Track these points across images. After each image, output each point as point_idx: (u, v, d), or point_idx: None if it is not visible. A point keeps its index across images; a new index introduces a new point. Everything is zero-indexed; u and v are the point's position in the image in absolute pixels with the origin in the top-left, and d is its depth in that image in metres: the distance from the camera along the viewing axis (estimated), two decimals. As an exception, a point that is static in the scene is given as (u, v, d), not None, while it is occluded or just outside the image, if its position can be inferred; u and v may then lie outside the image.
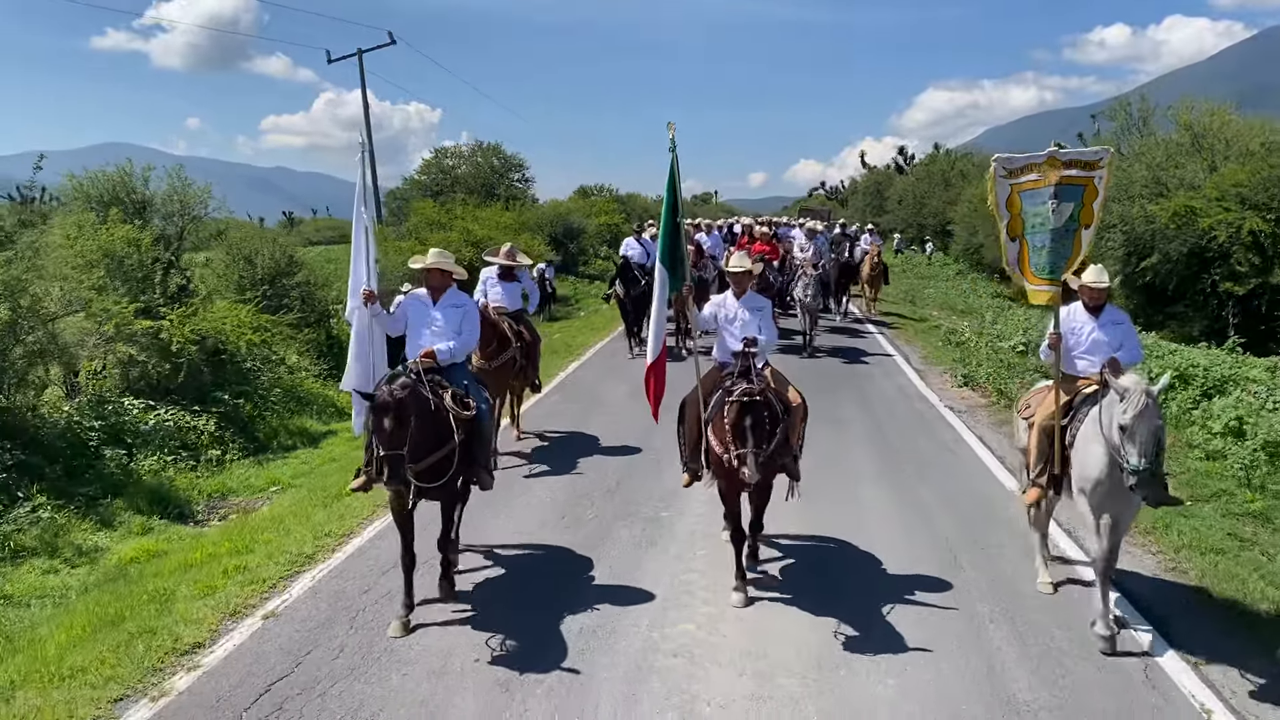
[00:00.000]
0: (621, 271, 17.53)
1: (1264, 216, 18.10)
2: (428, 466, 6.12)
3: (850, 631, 6.12)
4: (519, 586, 6.99)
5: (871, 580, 7.02)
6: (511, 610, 6.45)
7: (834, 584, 6.92)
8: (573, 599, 6.65)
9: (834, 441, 10.71)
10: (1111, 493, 5.93)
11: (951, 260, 44.57)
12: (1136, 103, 25.37)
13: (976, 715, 5.18)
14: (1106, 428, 5.85)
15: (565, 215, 40.40)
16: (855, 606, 6.48)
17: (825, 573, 7.15)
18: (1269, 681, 5.59)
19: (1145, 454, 5.51)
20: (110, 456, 11.69)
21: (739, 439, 6.03)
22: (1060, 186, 6.46)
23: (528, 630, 6.13)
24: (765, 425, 6.12)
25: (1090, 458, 6.06)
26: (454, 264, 7.21)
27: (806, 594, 6.70)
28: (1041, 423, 6.72)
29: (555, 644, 5.96)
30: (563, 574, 7.19)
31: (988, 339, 18.59)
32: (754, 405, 6.05)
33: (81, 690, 5.30)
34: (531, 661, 5.72)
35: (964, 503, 8.97)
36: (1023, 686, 5.50)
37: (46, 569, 8.94)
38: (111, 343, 13.25)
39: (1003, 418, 12.54)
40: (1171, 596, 6.85)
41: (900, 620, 6.31)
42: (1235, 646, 6.02)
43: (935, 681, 5.52)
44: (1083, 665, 5.76)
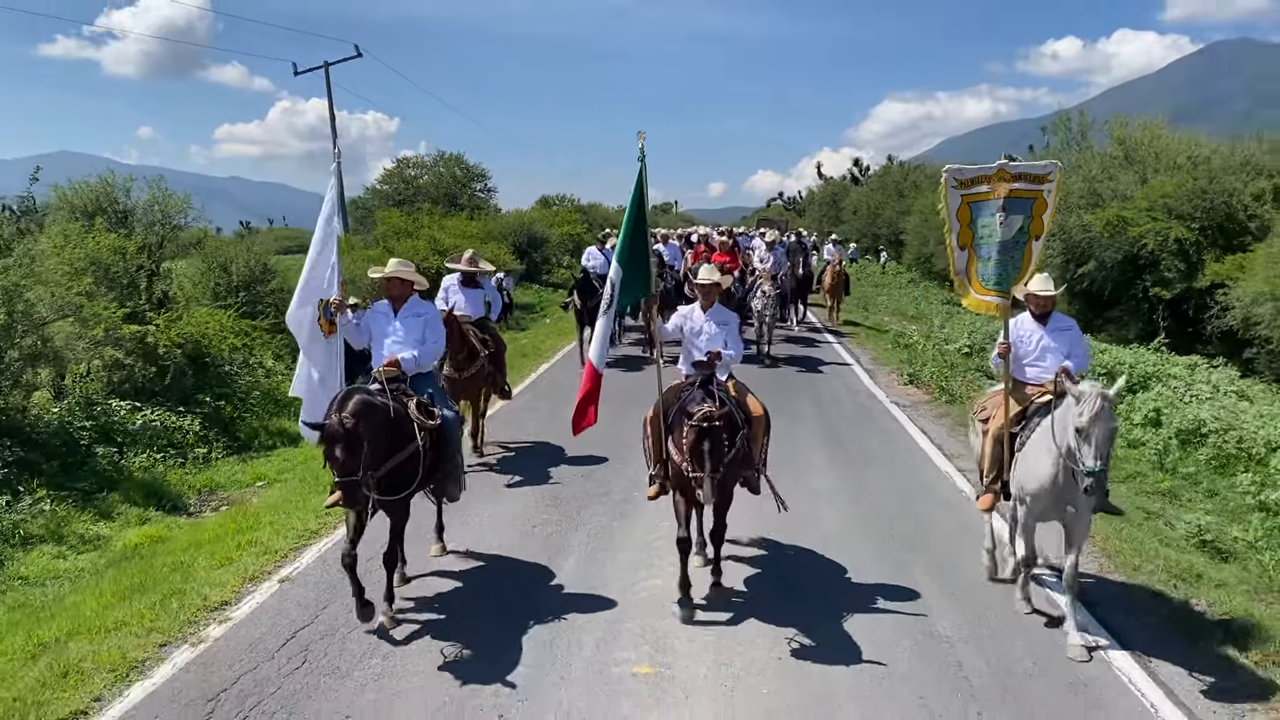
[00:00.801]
0: (582, 282, 17.55)
1: (1189, 226, 19.36)
2: (388, 476, 6.11)
3: (798, 580, 7.16)
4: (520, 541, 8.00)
5: (817, 548, 7.91)
6: (509, 563, 7.39)
7: (783, 550, 7.79)
8: (560, 559, 7.59)
9: (787, 434, 11.60)
10: (1055, 503, 6.08)
11: (904, 269, 45.96)
12: (1076, 118, 26.66)
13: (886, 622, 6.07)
14: (1060, 433, 5.88)
15: (528, 225, 41.08)
16: (801, 567, 7.44)
17: (778, 541, 7.99)
18: (1160, 625, 6.57)
19: (1100, 456, 5.57)
20: (102, 454, 12.23)
21: (696, 461, 6.06)
22: (1009, 199, 6.56)
23: (524, 577, 7.25)
24: (724, 447, 6.12)
25: (1038, 466, 6.14)
26: (414, 273, 7.18)
27: (760, 557, 7.58)
28: (996, 431, 6.82)
29: (549, 589, 7.01)
30: (553, 535, 8.17)
31: (935, 342, 19.64)
32: (713, 430, 6.05)
33: (127, 639, 6.02)
34: (529, 599, 6.75)
35: (904, 484, 9.92)
36: (946, 623, 6.40)
37: (55, 555, 9.52)
38: (100, 346, 13.80)
39: (942, 410, 13.56)
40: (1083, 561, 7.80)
41: (837, 578, 7.28)
42: (1135, 601, 6.99)
43: (865, 622, 6.41)
44: (990, 591, 6.68)
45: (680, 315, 7.39)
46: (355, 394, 6.00)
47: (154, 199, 16.69)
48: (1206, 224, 19.29)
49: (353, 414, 5.69)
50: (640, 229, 6.94)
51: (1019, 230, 6.60)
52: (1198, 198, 19.49)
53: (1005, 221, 6.58)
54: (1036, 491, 6.16)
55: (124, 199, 16.66)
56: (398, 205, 38.81)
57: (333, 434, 5.63)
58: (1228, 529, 9.14)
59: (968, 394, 14.15)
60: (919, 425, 12.64)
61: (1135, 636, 6.30)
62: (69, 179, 16.48)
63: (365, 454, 5.68)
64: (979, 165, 6.79)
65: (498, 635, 6.18)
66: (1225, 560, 8.31)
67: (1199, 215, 19.36)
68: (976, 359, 17.60)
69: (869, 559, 7.71)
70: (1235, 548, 8.68)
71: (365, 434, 5.69)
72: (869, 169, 74.18)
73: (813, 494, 9.45)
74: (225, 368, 16.07)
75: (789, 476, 9.74)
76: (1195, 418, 12.19)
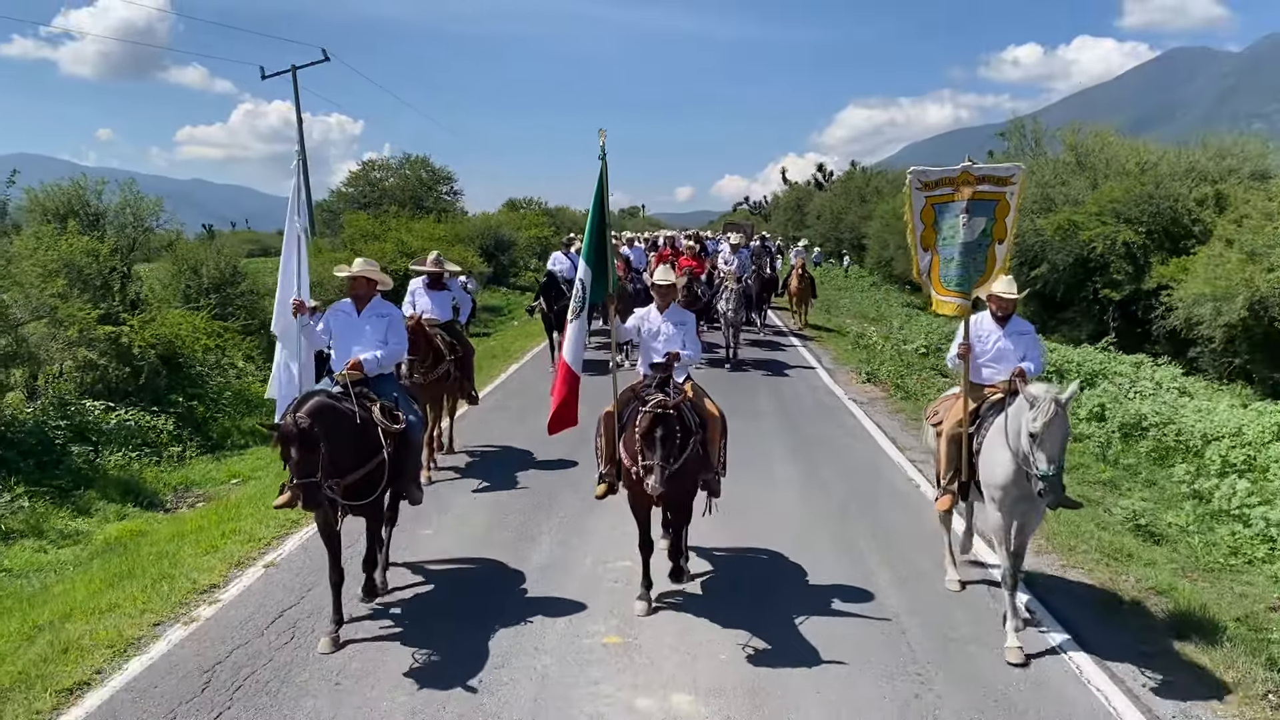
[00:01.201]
0: (547, 286, 17.40)
1: (1136, 230, 20.09)
2: (354, 482, 6.04)
3: (756, 558, 7.67)
4: (495, 523, 8.43)
5: (776, 532, 8.36)
6: (487, 549, 7.73)
7: (744, 530, 8.23)
8: (533, 544, 7.99)
9: (751, 429, 12.08)
10: (1019, 499, 6.07)
11: (867, 273, 46.75)
12: (1030, 125, 27.44)
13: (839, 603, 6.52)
14: (1014, 435, 5.92)
15: (496, 228, 41.38)
16: (759, 546, 7.93)
17: (740, 525, 8.41)
18: (1092, 601, 7.12)
19: (1054, 460, 5.61)
20: (78, 453, 12.41)
21: (648, 448, 6.02)
22: (973, 201, 6.57)
23: (500, 562, 7.64)
24: (675, 438, 6.10)
25: (997, 465, 6.17)
26: (379, 272, 7.14)
27: (721, 537, 8.01)
28: (950, 431, 6.84)
29: (523, 572, 7.42)
30: (526, 523, 8.57)
31: (893, 342, 20.23)
32: (665, 418, 6.06)
33: (122, 619, 6.34)
34: (505, 581, 7.24)
35: (859, 475, 10.42)
36: (893, 598, 6.87)
37: (36, 549, 9.74)
38: (74, 347, 13.98)
39: (898, 407, 14.09)
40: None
41: (792, 556, 7.76)
42: (1074, 579, 7.51)
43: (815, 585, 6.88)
44: (927, 561, 7.16)
45: (637, 317, 7.37)
46: (316, 396, 5.96)
47: (125, 202, 16.87)
48: (1153, 228, 20.04)
49: (309, 414, 5.63)
50: (603, 232, 6.96)
51: (982, 233, 6.62)
52: (1145, 203, 20.23)
53: (968, 224, 6.60)
54: (1002, 487, 6.15)
55: (95, 201, 16.84)
56: (363, 208, 38.93)
57: (287, 434, 5.57)
58: (1162, 515, 9.70)
59: (923, 391, 14.73)
60: (874, 420, 13.17)
61: (1069, 612, 6.80)
62: (36, 181, 16.61)
63: (324, 455, 5.60)
64: (943, 167, 6.77)
65: (476, 612, 6.57)
66: (1157, 543, 8.85)
67: (1146, 219, 20.10)
68: (933, 358, 18.19)
69: (822, 538, 8.25)
70: (1169, 532, 9.23)
71: (322, 435, 5.61)
72: (832, 174, 75.25)
73: (773, 480, 9.96)
74: (196, 369, 16.26)
75: (754, 464, 10.23)
76: (1137, 412, 12.79)
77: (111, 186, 16.97)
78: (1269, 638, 6.51)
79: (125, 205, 16.88)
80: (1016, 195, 6.64)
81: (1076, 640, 6.24)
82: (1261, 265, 15.27)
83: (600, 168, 6.89)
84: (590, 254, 6.90)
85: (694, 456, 6.41)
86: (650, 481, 5.93)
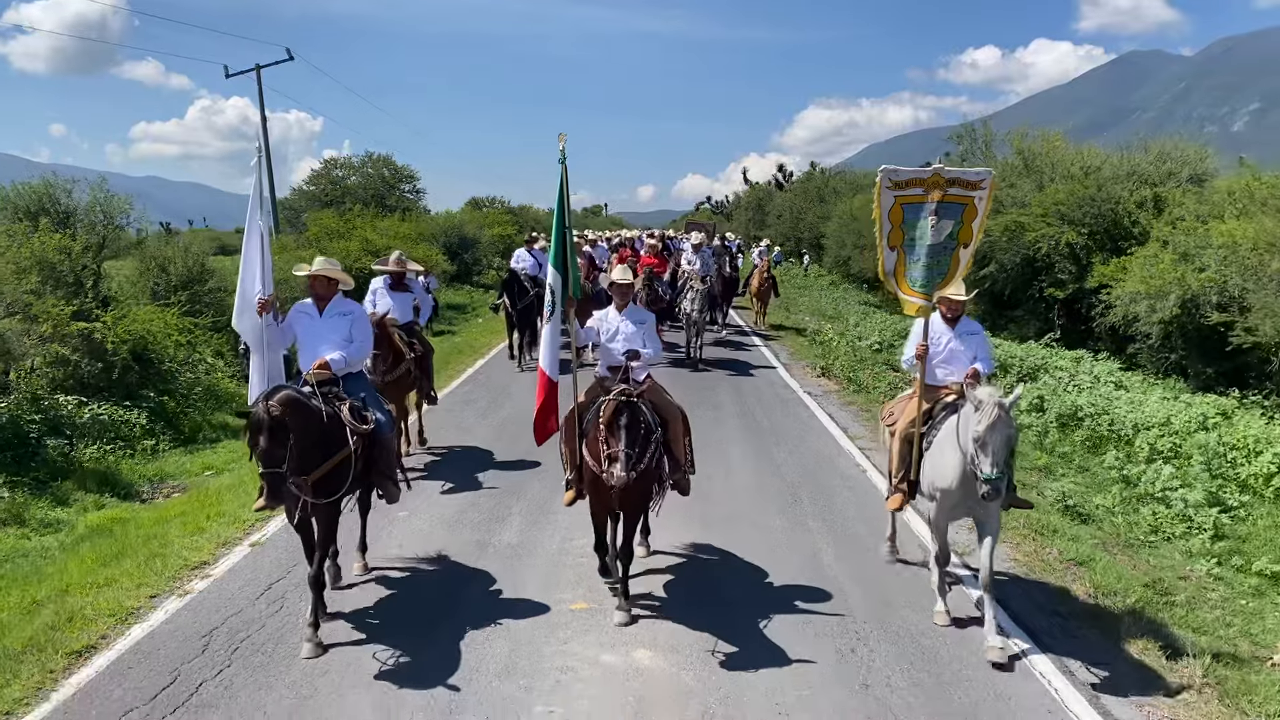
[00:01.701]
0: (509, 283, 17.38)
1: (1079, 231, 20.96)
2: (320, 479, 6.03)
3: (713, 530, 8.31)
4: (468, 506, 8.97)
5: (731, 505, 9.00)
6: (459, 528, 8.20)
7: (703, 507, 8.76)
8: (503, 525, 8.51)
9: (710, 419, 12.68)
10: (965, 499, 6.22)
11: (825, 272, 47.62)
12: (980, 128, 28.29)
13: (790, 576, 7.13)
14: (963, 438, 6.04)
15: (459, 226, 41.69)
16: (716, 520, 8.55)
17: (699, 505, 8.95)
18: (1016, 571, 7.78)
19: (997, 463, 5.74)
20: (53, 446, 12.69)
21: (613, 436, 6.00)
22: (942, 204, 6.61)
23: (472, 539, 8.10)
24: (640, 427, 6.11)
25: (945, 465, 6.30)
26: (340, 271, 7.10)
27: (680, 512, 8.53)
28: (903, 431, 6.97)
29: (495, 549, 7.95)
30: (496, 507, 9.10)
31: (849, 339, 20.93)
32: (630, 405, 6.07)
33: (119, 592, 6.78)
34: (478, 556, 7.78)
35: (809, 460, 11.04)
36: (833, 565, 7.48)
37: (20, 535, 10.03)
38: (47, 343, 14.25)
39: (849, 399, 14.76)
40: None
41: (746, 528, 8.41)
42: (1001, 553, 8.12)
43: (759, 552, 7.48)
44: (868, 534, 7.78)
45: (596, 318, 7.33)
46: (285, 389, 5.94)
47: (95, 200, 17.15)
48: (1095, 229, 20.91)
49: (280, 404, 5.61)
50: (565, 235, 6.98)
51: (948, 235, 6.67)
52: (1087, 205, 21.11)
53: (936, 226, 6.64)
54: (946, 489, 6.29)
55: (66, 200, 17.09)
56: (325, 206, 39.02)
57: (257, 421, 5.56)
58: (1091, 497, 10.40)
59: (874, 384, 15.41)
60: (826, 410, 13.83)
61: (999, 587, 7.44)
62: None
63: (292, 448, 5.59)
64: (915, 168, 6.84)
65: (452, 583, 7.12)
66: (1084, 522, 9.54)
67: (1088, 221, 20.97)
68: (886, 354, 18.91)
69: (774, 516, 8.89)
70: (1095, 513, 9.93)
71: (292, 426, 5.60)
72: (792, 175, 76.12)
73: (729, 463, 10.57)
74: (166, 365, 16.56)
75: (711, 449, 10.82)
76: (1074, 404, 13.55)
77: (82, 186, 17.24)
78: (1173, 600, 7.20)
79: (95, 204, 17.17)
80: (985, 201, 6.68)
81: (1000, 603, 6.86)
82: (1193, 265, 16.13)
83: (561, 172, 6.92)
84: (556, 259, 6.93)
85: (654, 456, 6.43)
86: (616, 470, 5.89)
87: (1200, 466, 10.89)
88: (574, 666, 5.85)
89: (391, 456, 7.00)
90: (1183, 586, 7.86)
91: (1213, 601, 7.64)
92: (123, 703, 5.35)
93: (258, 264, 6.60)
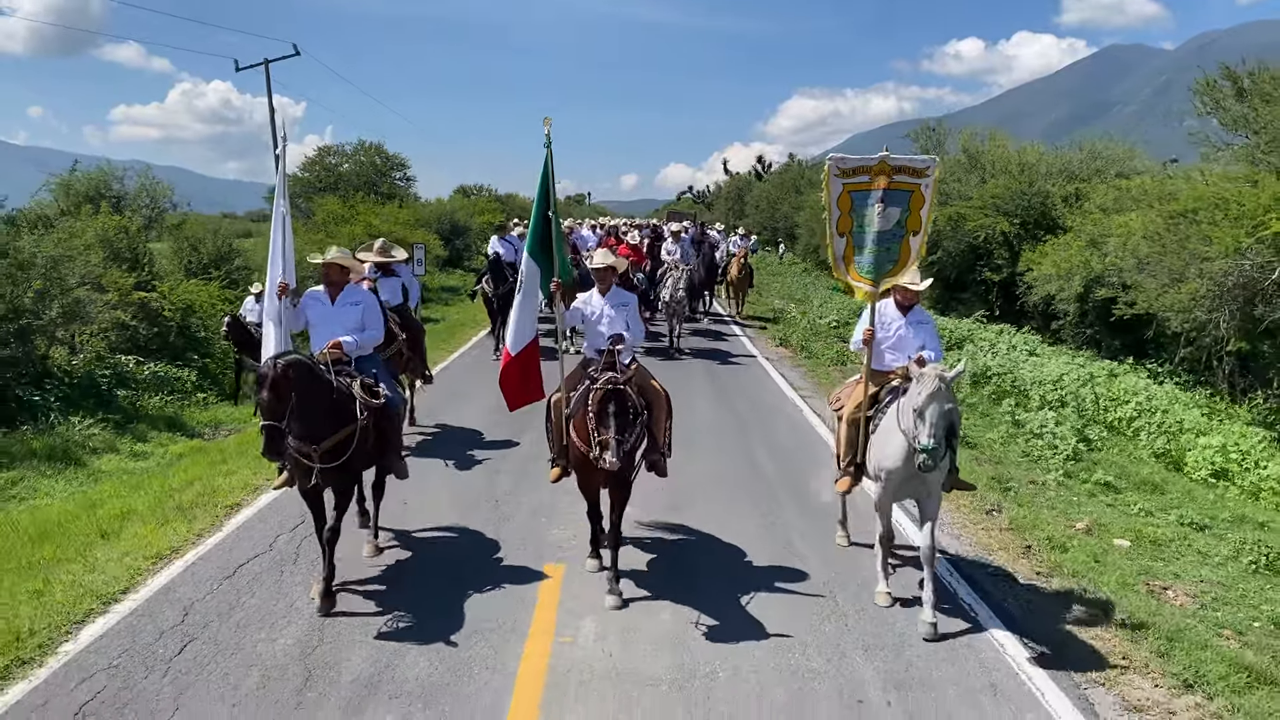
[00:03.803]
0: (491, 268, 17.75)
1: (1011, 221, 23.62)
2: (330, 449, 6.25)
3: (680, 454, 10.54)
4: (453, 480, 10.92)
5: (693, 439, 11.42)
6: (446, 500, 10.56)
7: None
8: (500, 474, 10.88)
9: (682, 380, 15.22)
10: (909, 479, 6.34)
11: (798, 259, 50.22)
12: (935, 127, 30.91)
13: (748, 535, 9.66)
14: (904, 414, 6.18)
15: (450, 214, 44.00)
16: (681, 463, 10.94)
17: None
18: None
19: (935, 435, 5.81)
20: (123, 395, 15.15)
21: (602, 424, 6.13)
22: (888, 191, 6.61)
23: (476, 483, 10.37)
24: (628, 414, 6.25)
25: (889, 447, 6.40)
26: (352, 259, 7.36)
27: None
28: (850, 415, 7.06)
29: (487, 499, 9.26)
30: (481, 483, 10.93)
31: (810, 318, 23.52)
32: (618, 393, 6.19)
33: (242, 477, 9.28)
34: (480, 495, 9.63)
35: (764, 411, 13.61)
36: (774, 479, 10.03)
37: (123, 459, 12.50)
38: (113, 310, 16.66)
39: (800, 363, 17.38)
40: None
41: (706, 456, 10.83)
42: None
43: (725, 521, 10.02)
44: (800, 459, 10.32)
45: (580, 302, 7.42)
46: (294, 353, 6.28)
47: (143, 186, 19.49)
48: (1026, 219, 23.58)
49: (287, 363, 5.95)
50: (548, 219, 7.12)
51: (896, 223, 6.69)
52: (1019, 198, 23.78)
53: (883, 213, 6.65)
54: (890, 470, 6.39)
55: (118, 186, 19.45)
56: (320, 193, 41.08)
57: (263, 375, 5.90)
58: (984, 434, 12.96)
59: (824, 352, 18.01)
60: (780, 371, 16.45)
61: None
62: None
63: (293, 408, 5.88)
64: (862, 156, 6.82)
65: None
66: (971, 448, 12.09)
67: (1019, 212, 23.64)
68: (841, 330, 21.49)
69: (730, 450, 11.35)
70: (982, 442, 12.48)
71: (295, 386, 5.90)
72: (771, 166, 78.57)
73: (694, 411, 13.08)
74: (203, 333, 18.94)
75: (681, 402, 13.26)
76: (985, 365, 16.17)
77: (130, 174, 19.58)
78: (1013, 492, 9.76)
79: (142, 189, 19.49)
80: (931, 188, 6.71)
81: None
82: (1099, 251, 18.75)
83: (545, 155, 6.98)
84: (534, 243, 7.09)
85: (640, 437, 6.67)
86: (607, 457, 6.05)
87: (1073, 411, 13.50)
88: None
89: (399, 432, 7.23)
90: (1029, 488, 10.41)
91: (1049, 499, 10.20)
92: (265, 535, 7.87)
93: (280, 249, 6.94)
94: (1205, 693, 5.66)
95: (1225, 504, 10.96)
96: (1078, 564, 7.88)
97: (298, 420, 5.96)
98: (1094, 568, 7.81)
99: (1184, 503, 10.63)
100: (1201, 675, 5.82)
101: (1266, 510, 11.00)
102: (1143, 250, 15.48)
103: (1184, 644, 6.25)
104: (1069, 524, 9.25)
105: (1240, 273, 13.49)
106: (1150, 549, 8.72)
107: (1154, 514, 10.04)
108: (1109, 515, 9.71)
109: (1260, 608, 7.25)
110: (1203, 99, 15.85)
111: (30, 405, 13.55)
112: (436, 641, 6.03)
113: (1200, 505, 10.65)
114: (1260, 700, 5.55)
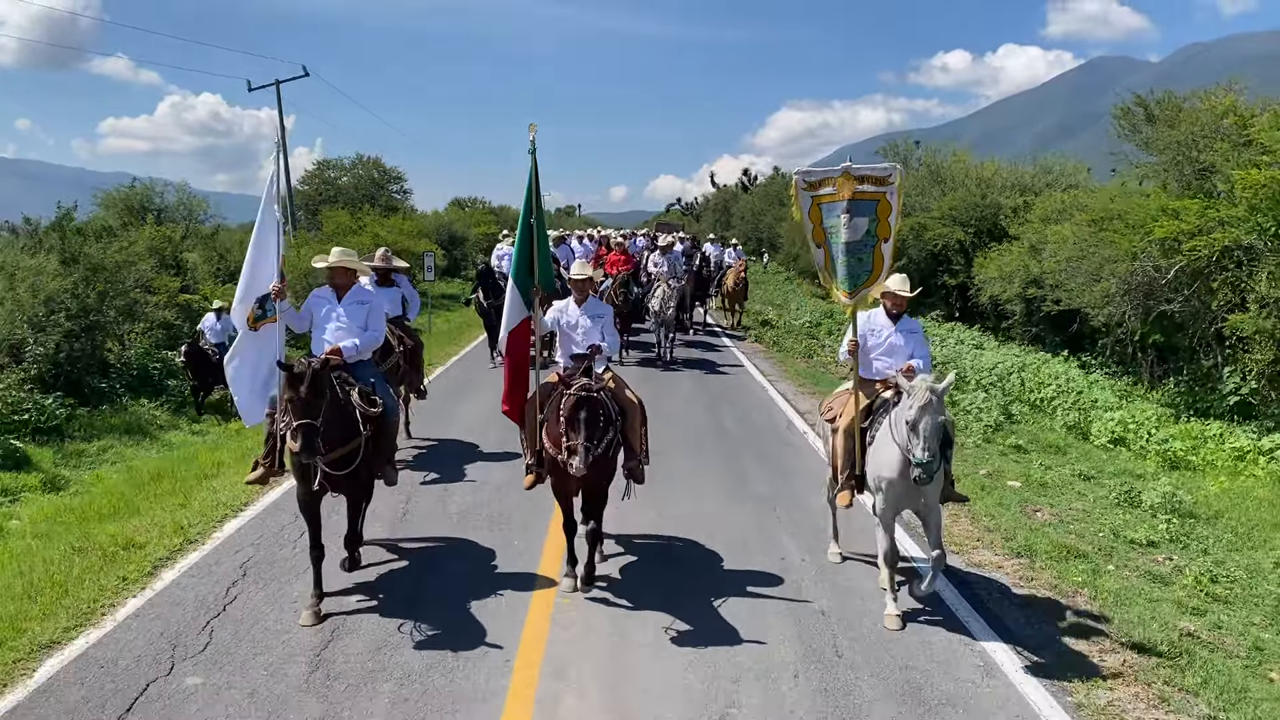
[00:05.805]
0: (483, 277, 17.79)
1: (966, 230, 25.99)
2: (338, 458, 6.23)
3: (660, 424, 12.74)
4: (445, 490, 12.56)
5: (673, 418, 13.64)
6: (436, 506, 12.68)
7: (658, 431, 13.13)
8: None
9: (667, 372, 17.44)
10: (907, 491, 6.28)
11: (781, 268, 52.63)
12: (903, 144, 33.32)
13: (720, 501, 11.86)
14: (897, 427, 6.14)
15: (448, 225, 46.15)
16: (660, 417, 13.15)
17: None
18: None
19: (929, 448, 5.77)
20: (173, 384, 17.27)
21: (572, 430, 6.11)
22: (853, 201, 6.60)
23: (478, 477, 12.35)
24: (599, 421, 6.25)
25: (885, 458, 6.35)
26: (357, 260, 7.37)
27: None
28: (845, 427, 6.98)
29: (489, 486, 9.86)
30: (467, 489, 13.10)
31: (785, 319, 25.84)
32: (589, 400, 6.20)
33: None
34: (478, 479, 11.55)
35: (737, 395, 15.86)
36: (750, 462, 12.22)
37: (185, 435, 14.62)
38: (161, 310, 18.79)
39: (770, 355, 19.65)
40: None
41: (686, 430, 13.02)
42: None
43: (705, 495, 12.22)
44: (768, 435, 12.52)
45: (556, 309, 7.44)
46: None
47: (181, 201, 21.64)
48: (979, 229, 25.94)
49: (321, 363, 6.01)
50: (532, 226, 7.12)
51: (866, 233, 6.66)
52: (973, 209, 26.15)
53: (850, 224, 6.62)
54: (890, 481, 6.33)
55: (159, 200, 21.60)
56: (320, 205, 42.94)
57: (298, 374, 5.81)
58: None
59: (794, 347, 20.31)
60: (752, 361, 18.73)
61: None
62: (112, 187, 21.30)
63: (323, 408, 5.84)
64: (825, 168, 6.88)
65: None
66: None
67: (974, 222, 26.01)
68: (809, 330, 23.77)
69: (705, 424, 13.52)
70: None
71: (327, 385, 5.94)
72: (756, 178, 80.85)
73: (677, 393, 15.34)
74: (235, 333, 20.94)
75: (667, 388, 15.50)
76: (931, 355, 18.41)
77: (171, 190, 21.72)
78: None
79: (180, 203, 21.63)
80: (896, 195, 6.72)
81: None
82: (1037, 256, 21.07)
83: (530, 162, 6.96)
84: (523, 250, 7.10)
85: (613, 444, 6.69)
86: (575, 462, 6.05)
87: (999, 390, 15.76)
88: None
89: (393, 441, 7.27)
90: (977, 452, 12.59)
91: (964, 456, 12.37)
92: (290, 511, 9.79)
93: (272, 256, 6.85)
94: (1030, 560, 7.90)
95: (1116, 462, 13.18)
96: (967, 491, 10.08)
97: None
98: (979, 495, 10.01)
99: (1079, 461, 12.84)
100: (1031, 549, 8.08)
101: (1149, 467, 13.24)
102: (1064, 254, 17.76)
103: (1025, 532, 8.50)
104: (974, 470, 11.46)
105: (1143, 273, 15.77)
106: (1037, 489, 10.92)
107: (1051, 468, 12.25)
108: (1012, 468, 11.92)
109: (1104, 523, 9.46)
110: (1120, 123, 18.14)
111: (99, 392, 15.63)
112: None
113: (1093, 462, 12.86)
114: (1071, 566, 7.79)
